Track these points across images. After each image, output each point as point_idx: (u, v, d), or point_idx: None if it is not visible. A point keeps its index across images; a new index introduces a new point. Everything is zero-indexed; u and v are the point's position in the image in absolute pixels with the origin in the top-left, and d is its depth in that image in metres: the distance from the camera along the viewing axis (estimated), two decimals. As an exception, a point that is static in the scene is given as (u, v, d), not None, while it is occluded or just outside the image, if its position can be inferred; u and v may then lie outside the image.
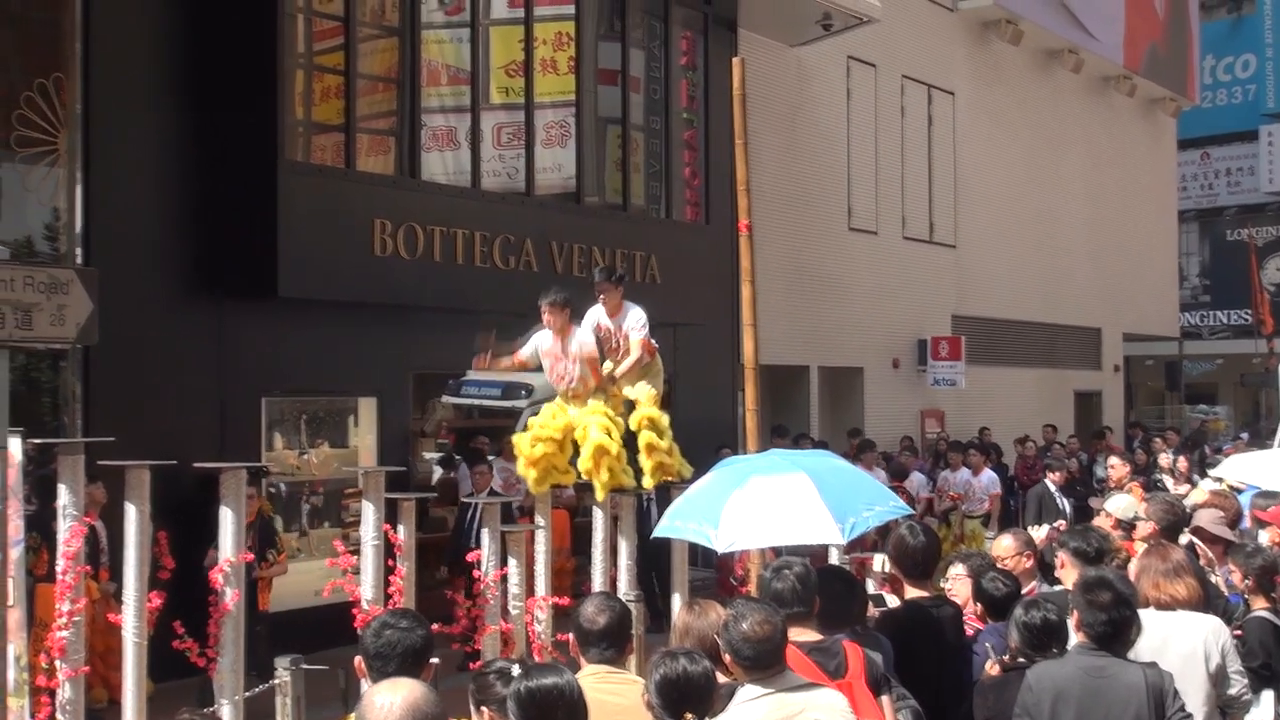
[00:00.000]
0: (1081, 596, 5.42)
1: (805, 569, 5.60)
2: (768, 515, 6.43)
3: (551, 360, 9.75)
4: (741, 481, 6.66)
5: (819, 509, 6.28)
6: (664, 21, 17.82)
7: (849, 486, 6.74)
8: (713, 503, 6.66)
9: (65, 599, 7.25)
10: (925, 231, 24.40)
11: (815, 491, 6.35)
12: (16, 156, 11.73)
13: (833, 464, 7.20)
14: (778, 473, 6.68)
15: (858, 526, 6.46)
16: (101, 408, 11.95)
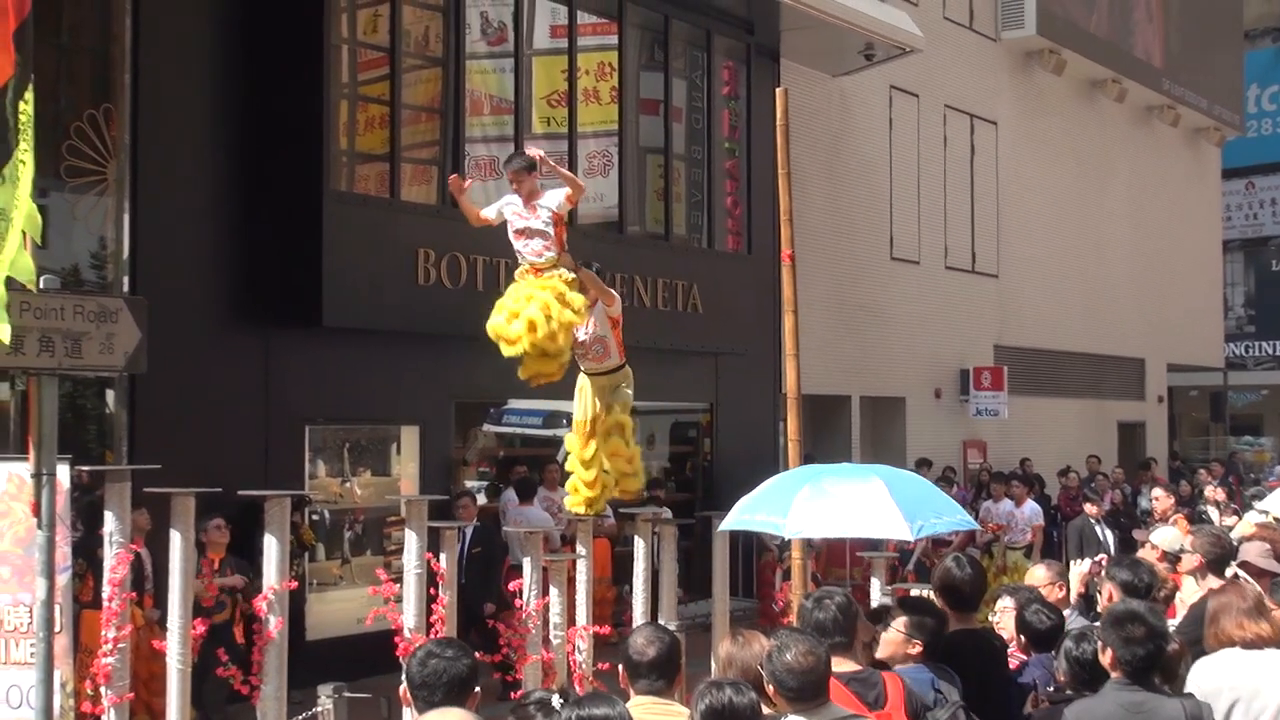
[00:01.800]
0: (1114, 631, 5.34)
1: (846, 599, 5.59)
2: (838, 507, 6.53)
3: (513, 214, 9.47)
4: (814, 478, 6.78)
5: (890, 506, 6.38)
6: (706, 51, 17.87)
7: (921, 494, 6.85)
8: (783, 495, 6.77)
9: (111, 625, 7.30)
10: (968, 261, 24.32)
11: (887, 491, 6.46)
12: (66, 186, 11.86)
13: (906, 474, 7.32)
14: (851, 474, 6.82)
15: (926, 529, 6.54)
16: (147, 435, 12.05)
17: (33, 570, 6.76)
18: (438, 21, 14.73)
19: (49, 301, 6.55)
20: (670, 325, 16.67)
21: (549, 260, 9.32)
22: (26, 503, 6.95)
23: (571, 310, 9.13)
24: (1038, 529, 17.50)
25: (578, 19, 16.10)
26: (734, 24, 18.26)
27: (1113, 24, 27.47)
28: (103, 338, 6.76)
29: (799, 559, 9.02)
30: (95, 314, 6.75)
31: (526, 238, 9.37)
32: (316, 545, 13.71)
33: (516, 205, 9.41)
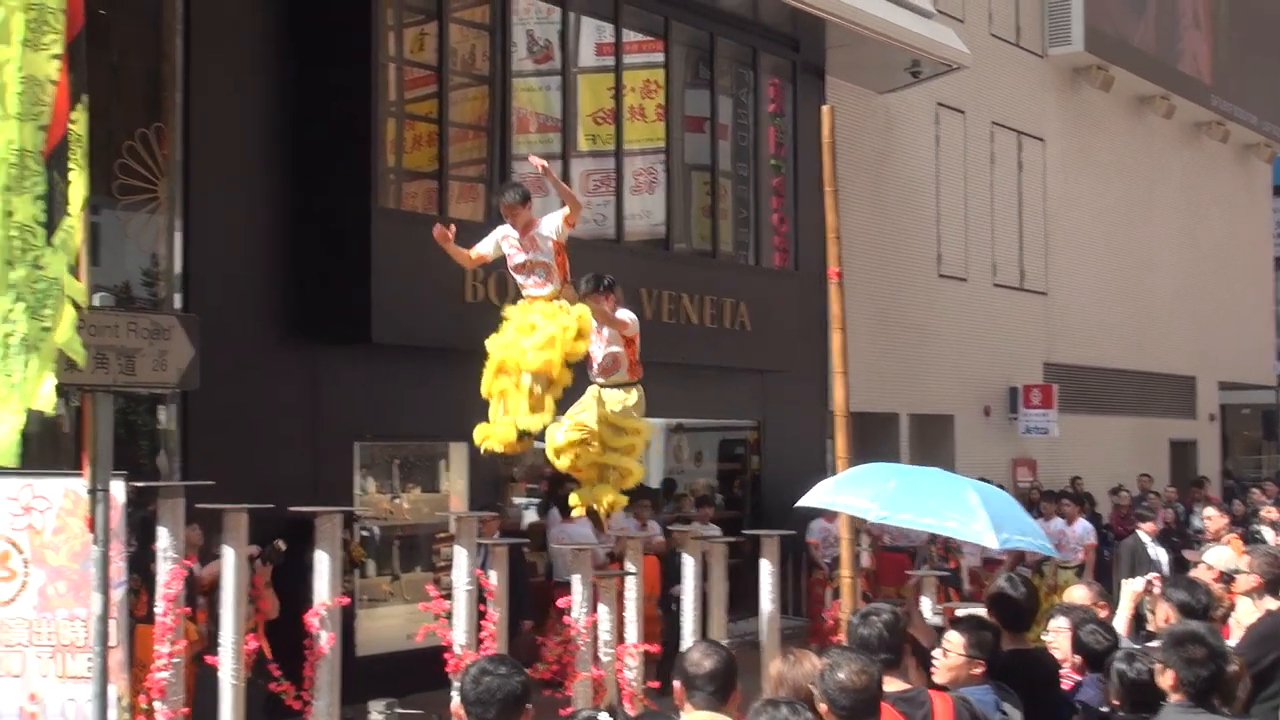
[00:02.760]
0: (1174, 652, 5.29)
1: (894, 616, 5.56)
2: (929, 504, 6.55)
3: (511, 248, 9.28)
4: (904, 474, 6.83)
5: (980, 513, 6.40)
6: (752, 69, 17.88)
7: (1009, 511, 6.87)
8: (871, 482, 6.81)
9: (165, 640, 7.35)
10: (1016, 278, 24.20)
11: (979, 499, 6.46)
12: (118, 204, 11.97)
13: (996, 490, 7.37)
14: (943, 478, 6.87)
15: (1011, 543, 6.55)
16: (198, 451, 12.12)
17: (88, 585, 6.81)
18: (484, 40, 14.80)
19: (104, 319, 6.61)
20: (717, 342, 16.65)
21: (552, 293, 9.18)
22: (82, 518, 7.01)
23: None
24: (1089, 548, 17.37)
25: (624, 37, 16.14)
26: (780, 41, 18.25)
27: (1160, 38, 27.31)
28: (156, 355, 6.82)
29: (849, 576, 9.00)
30: (149, 331, 6.80)
31: (527, 272, 9.22)
32: (366, 561, 13.76)
33: (513, 238, 9.22)
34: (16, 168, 5.81)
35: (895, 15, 18.74)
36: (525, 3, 15.23)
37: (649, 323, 15.57)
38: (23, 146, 5.83)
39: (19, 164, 5.81)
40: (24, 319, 5.76)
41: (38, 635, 7.66)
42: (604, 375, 9.49)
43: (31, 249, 5.81)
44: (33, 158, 5.83)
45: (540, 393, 8.96)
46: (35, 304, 5.79)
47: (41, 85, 5.90)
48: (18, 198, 5.79)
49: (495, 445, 9.16)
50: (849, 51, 19.07)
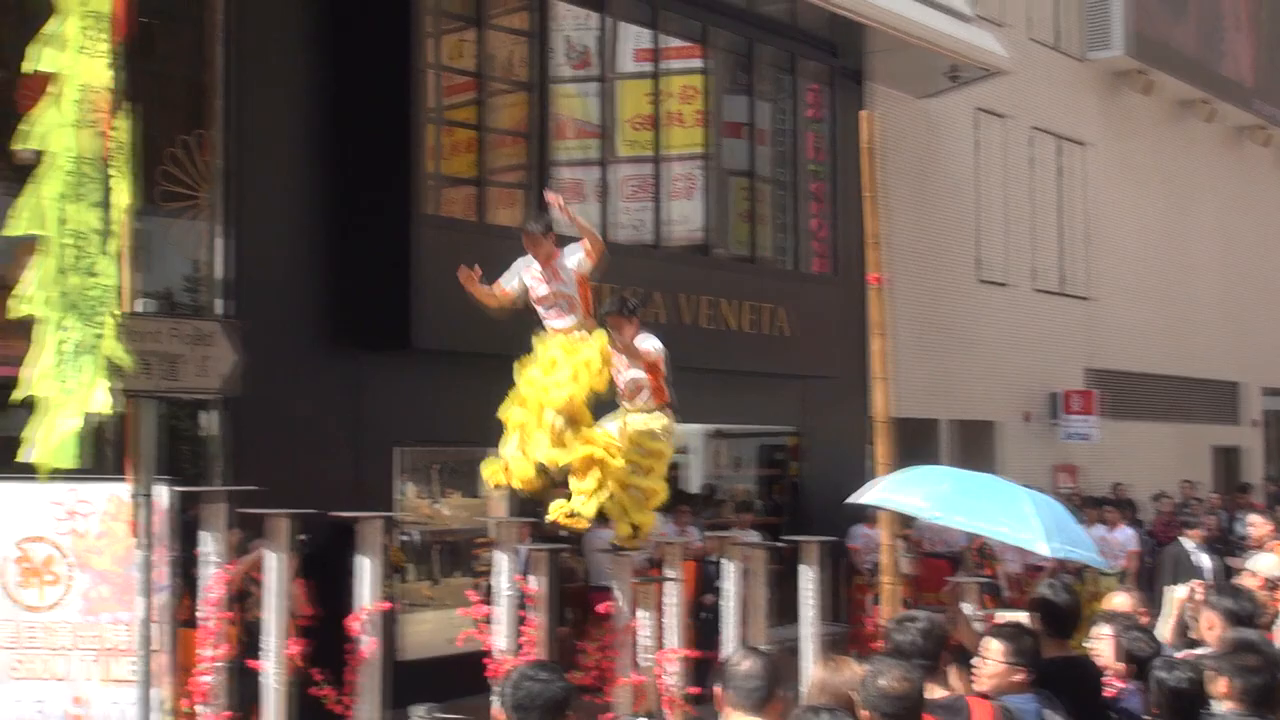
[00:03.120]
0: (1228, 660, 5.26)
1: (930, 622, 5.55)
2: (983, 507, 6.57)
3: (534, 280, 9.24)
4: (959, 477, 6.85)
5: (1032, 520, 6.41)
6: (791, 74, 17.86)
7: (1062, 521, 6.89)
8: (926, 483, 6.84)
9: (208, 645, 7.39)
10: (1057, 283, 24.09)
11: (1033, 508, 6.48)
12: (161, 211, 12.04)
13: (1050, 499, 7.39)
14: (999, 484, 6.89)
15: (1060, 552, 6.57)
16: (240, 457, 12.19)
17: (132, 589, 6.86)
18: (523, 46, 14.83)
19: (147, 325, 6.66)
20: (757, 348, 16.63)
21: (574, 325, 9.13)
22: (126, 523, 7.06)
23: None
24: (1132, 555, 17.27)
25: (662, 42, 16.15)
26: (819, 46, 18.23)
27: (1202, 41, 27.13)
28: (199, 360, 6.86)
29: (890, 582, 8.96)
30: (191, 337, 6.85)
31: (549, 304, 9.17)
32: (406, 567, 13.80)
33: (536, 270, 9.17)
34: (74, 175, 5.88)
35: (935, 20, 18.69)
36: (564, 9, 15.26)
37: (688, 328, 15.62)
38: (80, 154, 5.89)
39: (76, 171, 5.88)
40: (79, 326, 5.84)
41: (82, 639, 7.72)
42: (628, 400, 9.47)
43: (86, 256, 5.87)
44: (90, 164, 5.90)
45: (561, 428, 8.92)
46: (89, 311, 5.87)
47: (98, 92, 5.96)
48: (73, 205, 5.86)
49: (513, 482, 9.14)
50: (888, 57, 19.03)
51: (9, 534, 7.79)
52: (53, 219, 5.90)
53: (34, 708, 7.69)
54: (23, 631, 7.74)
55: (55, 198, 5.90)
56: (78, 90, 5.91)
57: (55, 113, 5.98)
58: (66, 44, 5.93)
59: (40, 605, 7.74)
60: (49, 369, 5.86)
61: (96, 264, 5.90)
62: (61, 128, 5.91)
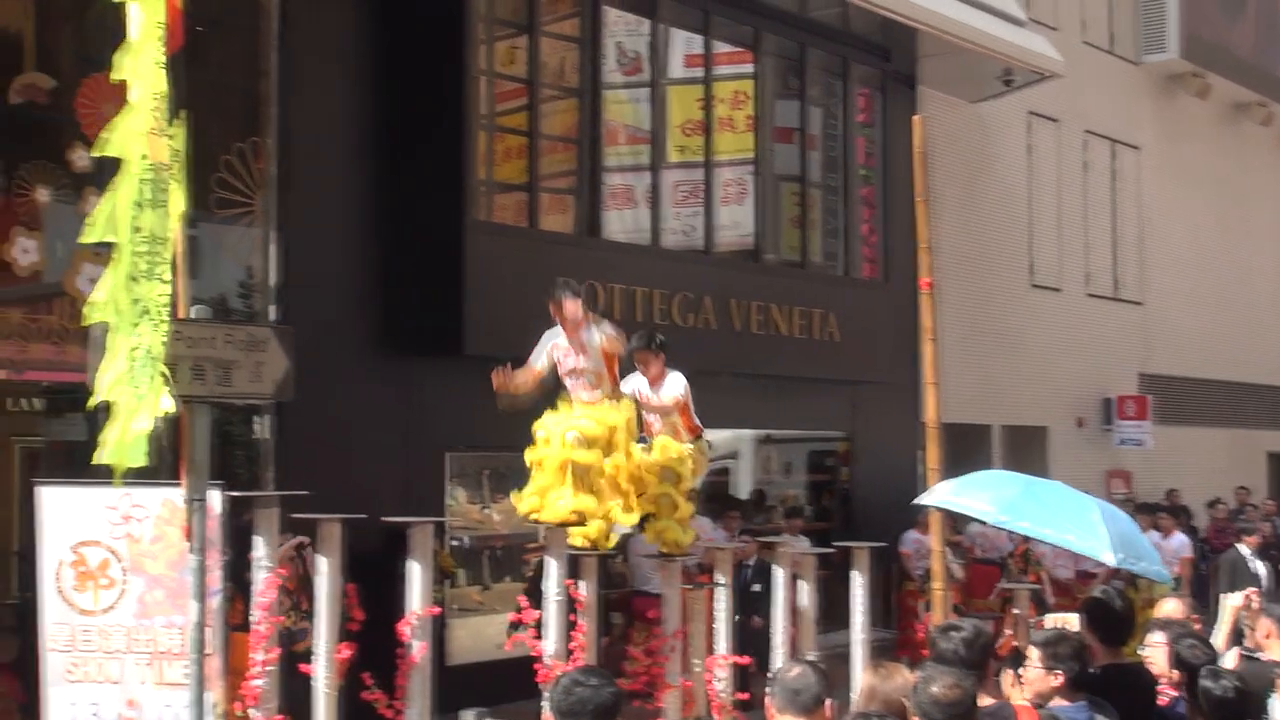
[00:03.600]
0: None
1: (974, 630, 5.53)
2: (1050, 514, 6.58)
3: (562, 354, 9.28)
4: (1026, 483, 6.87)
5: (1100, 529, 6.42)
6: (842, 79, 17.82)
7: (1129, 532, 6.90)
8: (993, 487, 6.86)
9: (260, 648, 7.44)
10: (1110, 288, 23.92)
11: (1100, 517, 6.49)
12: (215, 218, 12.14)
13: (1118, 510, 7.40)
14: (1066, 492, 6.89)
15: (1127, 563, 6.57)
16: (292, 462, 12.26)
17: (185, 593, 6.91)
18: (574, 53, 14.86)
19: (201, 331, 6.70)
20: (807, 353, 16.60)
21: (600, 398, 9.18)
22: (179, 527, 7.11)
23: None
24: (1186, 561, 17.11)
25: (713, 48, 16.15)
26: (870, 51, 18.18)
27: (1258, 43, 26.87)
28: (252, 366, 6.90)
29: (940, 589, 8.93)
30: (245, 343, 6.89)
31: (575, 377, 9.21)
32: (457, 572, 13.84)
33: (562, 342, 9.23)
34: (150, 184, 5.95)
35: (987, 24, 18.61)
36: (615, 15, 15.29)
37: (738, 333, 15.62)
38: (157, 161, 5.96)
39: (153, 179, 5.95)
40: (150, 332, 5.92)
41: (136, 642, 7.79)
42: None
43: (159, 263, 5.94)
44: (167, 171, 5.97)
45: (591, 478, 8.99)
46: (159, 318, 5.93)
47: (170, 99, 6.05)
48: (148, 211, 5.93)
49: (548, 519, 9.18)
50: (941, 61, 18.95)
51: (65, 538, 7.87)
52: (125, 226, 5.98)
53: (88, 710, 7.76)
54: (78, 635, 7.82)
55: (129, 204, 5.98)
56: (152, 98, 5.98)
57: (131, 119, 6.05)
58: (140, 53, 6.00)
59: (95, 609, 7.81)
60: (122, 375, 5.94)
61: (167, 271, 5.98)
62: (136, 134, 5.98)
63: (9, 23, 11.11)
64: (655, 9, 15.45)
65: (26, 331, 10.80)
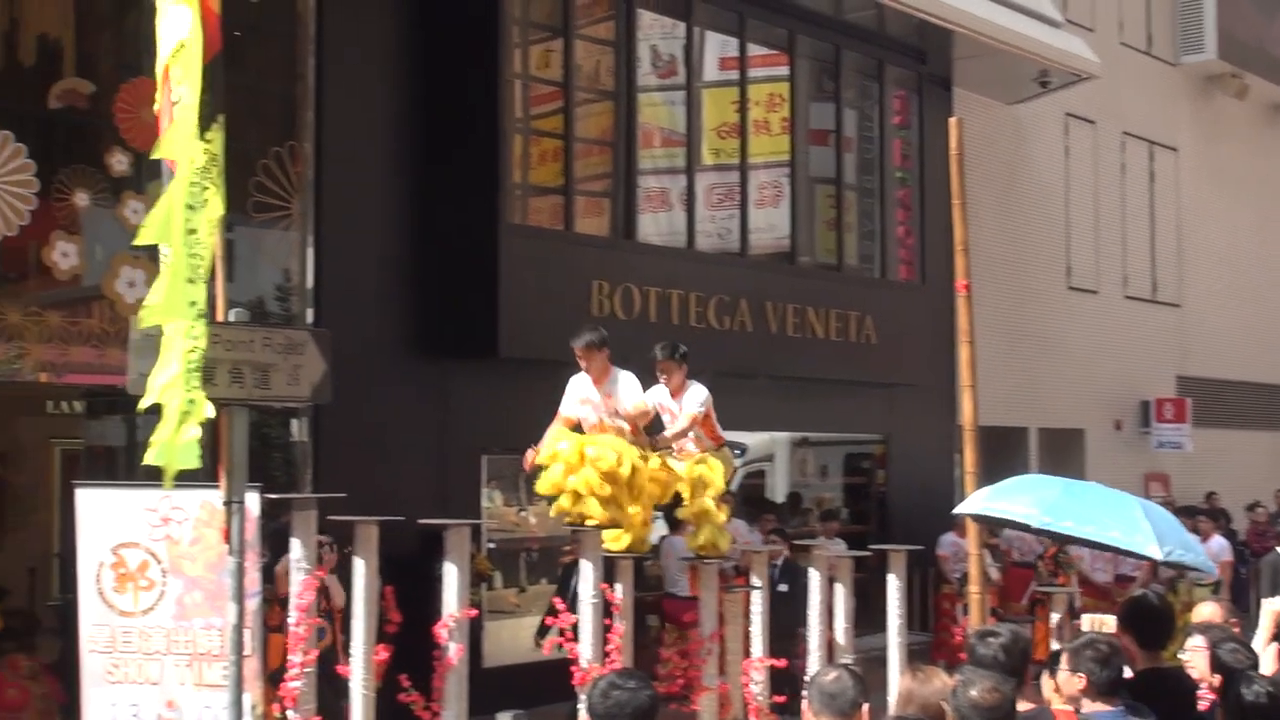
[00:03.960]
0: None
1: (1012, 636, 5.51)
2: (1094, 513, 6.58)
3: (588, 409, 9.32)
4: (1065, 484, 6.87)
5: (1143, 525, 6.41)
6: (878, 81, 17.78)
7: (1170, 525, 6.89)
8: (1032, 491, 6.83)
9: (297, 650, 7.47)
10: (1148, 290, 23.80)
11: (1143, 513, 6.49)
12: (252, 222, 12.21)
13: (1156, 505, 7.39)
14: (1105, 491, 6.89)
15: (1174, 555, 6.56)
16: (329, 464, 12.31)
17: (224, 595, 6.94)
18: (609, 56, 14.88)
19: (239, 334, 6.73)
20: (843, 356, 16.57)
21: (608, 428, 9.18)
22: (218, 529, 7.15)
23: None
24: (1226, 565, 16.99)
25: (748, 50, 16.14)
26: (906, 53, 18.14)
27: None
28: (290, 369, 6.92)
29: (978, 592, 8.90)
30: (283, 346, 6.90)
31: (592, 407, 9.28)
32: (493, 574, 13.86)
33: (591, 399, 9.29)
34: (198, 186, 5.99)
35: (1024, 25, 18.54)
36: (650, 18, 15.29)
37: (773, 336, 15.60)
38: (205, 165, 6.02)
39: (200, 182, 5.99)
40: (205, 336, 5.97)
41: (175, 644, 7.83)
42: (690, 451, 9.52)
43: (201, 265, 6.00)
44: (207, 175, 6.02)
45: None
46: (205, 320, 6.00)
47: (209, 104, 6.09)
48: (199, 213, 5.97)
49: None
50: (977, 63, 18.90)
51: (104, 540, 7.92)
52: (179, 229, 6.02)
53: (128, 711, 7.81)
54: (118, 636, 7.87)
55: (181, 207, 6.02)
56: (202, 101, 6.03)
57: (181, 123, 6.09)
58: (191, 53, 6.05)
59: (134, 610, 7.86)
60: (176, 377, 5.99)
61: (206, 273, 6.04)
62: (187, 139, 6.03)
63: (49, 29, 11.19)
64: (690, 12, 15.45)
65: (66, 335, 10.87)
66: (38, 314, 10.76)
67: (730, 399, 15.99)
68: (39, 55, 11.18)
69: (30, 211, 10.59)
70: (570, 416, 9.46)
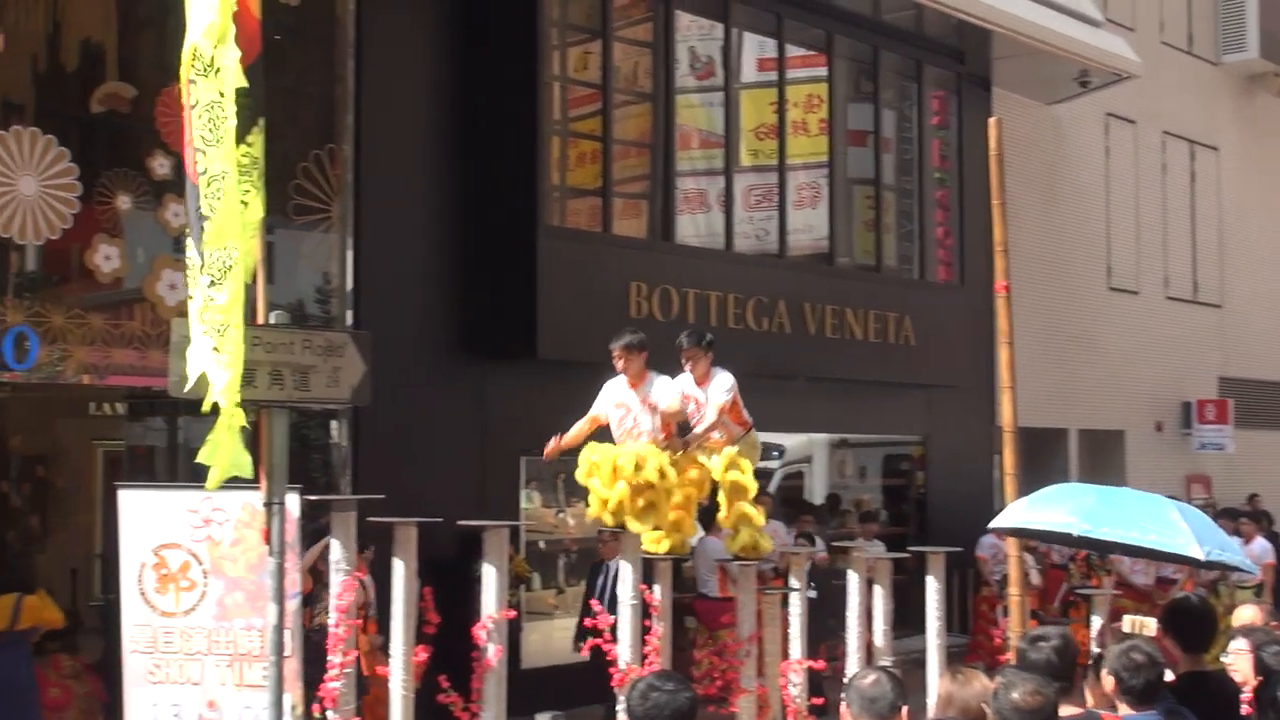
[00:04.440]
0: None
1: (1063, 640, 5.47)
2: (1131, 517, 6.57)
3: (623, 412, 9.27)
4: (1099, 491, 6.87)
5: (1181, 526, 6.40)
6: (916, 82, 17.73)
7: (1208, 525, 6.87)
8: (1068, 500, 6.84)
9: (337, 650, 7.50)
10: (1189, 291, 23.65)
11: (1179, 515, 6.47)
12: (293, 224, 12.27)
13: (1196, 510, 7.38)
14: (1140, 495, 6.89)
15: (1214, 555, 6.53)
16: (368, 465, 12.36)
17: (264, 595, 6.98)
18: (647, 57, 14.89)
19: (279, 336, 6.76)
20: (881, 358, 16.53)
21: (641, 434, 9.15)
22: (258, 530, 7.18)
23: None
24: (1268, 567, 16.86)
25: (786, 51, 16.12)
26: (945, 53, 18.08)
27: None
28: (329, 371, 6.95)
29: (1018, 594, 8.85)
30: (323, 348, 6.94)
31: (626, 410, 9.22)
32: (531, 576, 13.88)
33: (621, 397, 9.27)
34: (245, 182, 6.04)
35: (1064, 25, 18.46)
36: (687, 20, 15.29)
37: (812, 337, 15.57)
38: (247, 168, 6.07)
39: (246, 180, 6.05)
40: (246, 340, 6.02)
41: (216, 644, 7.87)
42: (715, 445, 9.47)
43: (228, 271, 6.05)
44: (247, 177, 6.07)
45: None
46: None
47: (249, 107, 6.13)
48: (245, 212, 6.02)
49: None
50: (1016, 63, 18.82)
51: (146, 541, 7.97)
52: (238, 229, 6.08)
53: (170, 711, 7.85)
54: (159, 636, 7.92)
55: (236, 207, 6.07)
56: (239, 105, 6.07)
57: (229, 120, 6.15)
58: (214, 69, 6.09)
59: (176, 611, 7.90)
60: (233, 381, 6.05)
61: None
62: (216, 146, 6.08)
63: (91, 33, 11.28)
64: (728, 13, 15.44)
65: (109, 337, 10.96)
66: (80, 316, 10.85)
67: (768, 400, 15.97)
68: (81, 60, 11.28)
69: (73, 215, 10.69)
70: (599, 417, 9.42)
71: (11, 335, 10.42)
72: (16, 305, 10.63)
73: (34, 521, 13.64)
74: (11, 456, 13.77)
